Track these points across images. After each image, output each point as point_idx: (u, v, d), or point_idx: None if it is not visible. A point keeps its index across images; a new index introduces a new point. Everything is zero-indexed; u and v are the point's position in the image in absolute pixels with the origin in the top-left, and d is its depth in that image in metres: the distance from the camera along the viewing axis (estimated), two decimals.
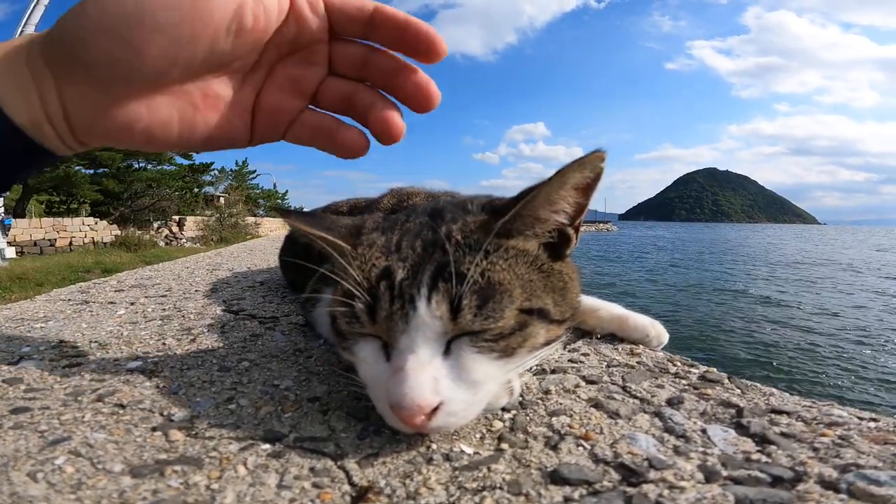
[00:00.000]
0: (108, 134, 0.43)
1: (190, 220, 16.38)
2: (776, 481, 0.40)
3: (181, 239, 15.29)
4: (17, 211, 13.82)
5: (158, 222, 16.43)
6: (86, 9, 0.39)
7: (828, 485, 0.39)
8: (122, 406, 0.55)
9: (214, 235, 15.31)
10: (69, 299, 1.28)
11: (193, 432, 0.48)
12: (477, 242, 0.50)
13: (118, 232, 13.66)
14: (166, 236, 15.27)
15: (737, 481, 0.40)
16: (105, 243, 12.86)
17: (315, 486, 0.39)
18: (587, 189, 0.52)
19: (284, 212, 0.61)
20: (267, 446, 0.46)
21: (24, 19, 11.82)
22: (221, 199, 20.65)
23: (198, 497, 0.37)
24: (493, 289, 0.47)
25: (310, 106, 0.51)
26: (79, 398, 0.57)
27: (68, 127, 0.42)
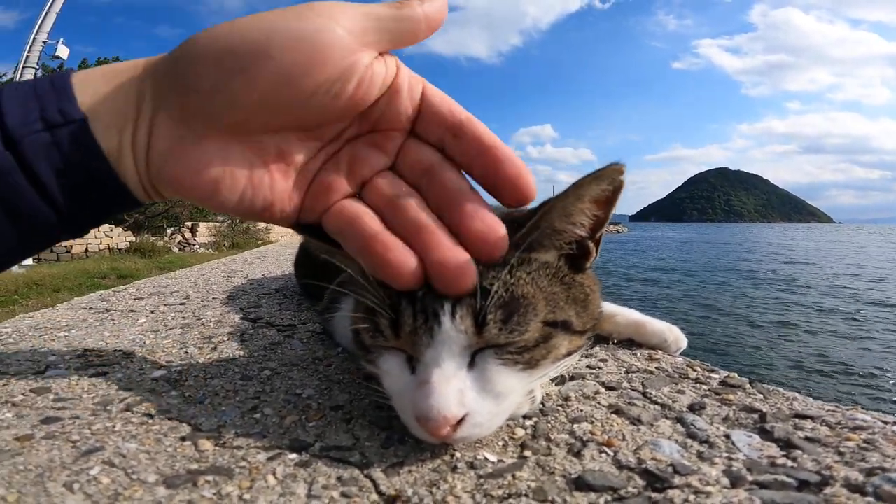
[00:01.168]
0: (175, 179, 0.42)
1: (202, 226, 16.51)
2: (802, 485, 0.40)
3: (194, 245, 15.43)
4: None
5: (172, 228, 16.60)
6: (213, 33, 0.40)
7: (854, 488, 0.39)
8: (151, 416, 0.56)
9: (226, 241, 15.45)
10: (90, 307, 1.30)
11: (221, 442, 0.49)
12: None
13: (133, 238, 13.81)
14: (179, 242, 15.41)
15: (763, 486, 0.40)
16: (120, 249, 13.01)
17: (344, 495, 0.40)
18: (606, 202, 0.52)
19: (301, 227, 0.62)
20: (294, 456, 0.46)
21: (37, 26, 12.02)
22: None
23: None
24: (517, 302, 0.48)
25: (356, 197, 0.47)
26: (108, 407, 0.58)
27: (146, 162, 0.42)
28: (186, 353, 0.83)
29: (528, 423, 0.53)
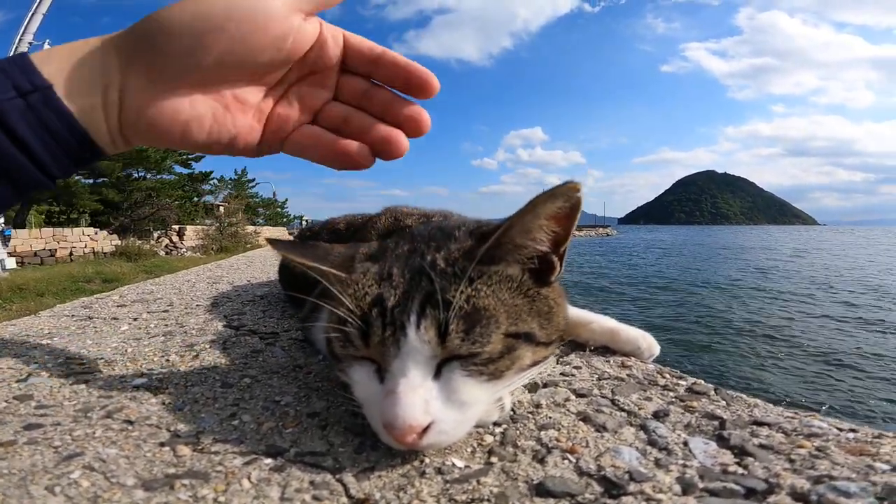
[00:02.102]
0: (152, 126, 0.50)
1: (190, 230, 16.40)
2: (749, 493, 0.42)
3: (181, 248, 15.31)
4: (17, 221, 13.84)
5: (158, 232, 16.46)
6: (180, 8, 0.48)
7: (799, 496, 0.41)
8: (131, 422, 0.57)
9: (214, 245, 15.34)
10: (73, 315, 1.30)
11: (199, 447, 0.51)
12: (462, 270, 0.53)
13: (118, 242, 13.67)
14: (166, 246, 15.28)
15: (712, 493, 0.42)
16: (105, 253, 12.88)
17: (315, 498, 0.42)
18: (564, 218, 0.54)
19: (275, 242, 0.63)
20: (269, 461, 0.48)
21: (23, 27, 11.91)
22: (221, 209, 20.69)
23: None
24: (478, 314, 0.50)
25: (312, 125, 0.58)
26: (88, 414, 0.60)
27: (118, 118, 0.49)
28: (168, 360, 0.85)
29: (497, 430, 0.56)
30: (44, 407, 0.62)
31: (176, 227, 16.48)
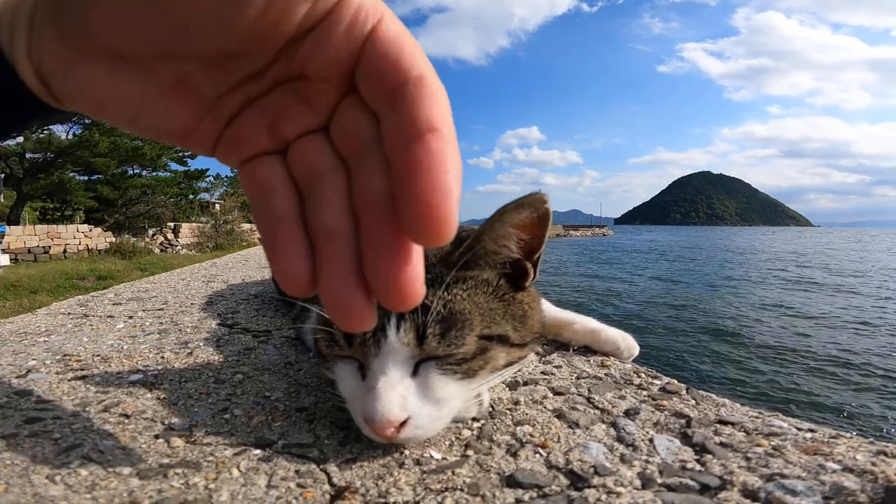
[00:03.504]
0: (62, 93, 0.37)
1: (185, 227, 16.37)
2: (704, 489, 0.44)
3: (176, 246, 15.28)
4: (11, 218, 13.80)
5: (153, 229, 16.43)
6: None
7: (748, 493, 0.43)
8: (127, 416, 0.60)
9: (210, 242, 15.33)
10: (69, 313, 1.33)
11: (192, 439, 0.54)
12: (439, 274, 0.56)
13: (113, 239, 13.65)
14: (161, 243, 15.26)
15: (669, 488, 0.44)
16: (100, 250, 12.85)
17: (299, 485, 0.45)
18: (533, 227, 0.56)
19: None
20: (258, 452, 0.51)
21: None
22: (217, 206, 20.66)
23: (197, 495, 0.43)
24: (454, 318, 0.53)
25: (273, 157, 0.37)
26: (86, 408, 0.62)
27: (40, 73, 0.37)
28: (163, 357, 0.87)
29: (475, 425, 0.59)
30: (43, 402, 0.65)
31: (171, 224, 16.45)
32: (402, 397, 0.50)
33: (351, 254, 0.32)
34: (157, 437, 0.54)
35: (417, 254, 0.31)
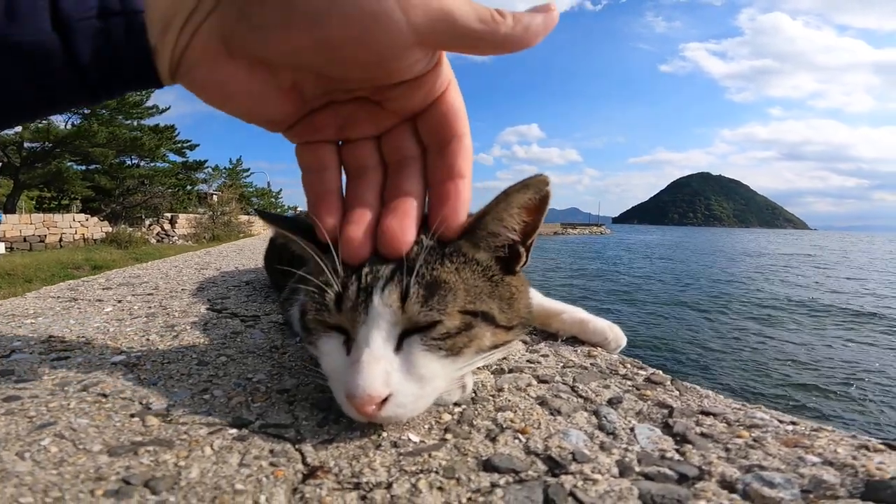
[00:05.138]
0: (198, 83, 0.45)
1: (182, 218, 16.34)
2: (682, 479, 0.43)
3: (173, 236, 15.26)
4: (8, 207, 13.75)
5: (150, 219, 16.40)
6: None
7: (726, 484, 0.42)
8: (105, 395, 0.60)
9: (207, 233, 15.30)
10: (58, 296, 1.32)
11: (168, 419, 0.53)
12: (434, 247, 0.55)
13: (109, 229, 13.63)
14: (158, 233, 15.23)
15: (647, 477, 0.44)
16: (96, 240, 12.83)
17: (272, 464, 0.44)
18: (534, 210, 0.57)
19: (264, 214, 0.66)
20: (234, 431, 0.51)
21: None
22: (215, 197, 20.61)
23: (165, 472, 0.42)
24: (437, 285, 0.53)
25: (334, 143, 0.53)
26: (65, 388, 0.62)
27: (179, 59, 0.44)
28: (148, 339, 0.87)
29: (457, 409, 0.58)
30: (23, 381, 0.64)
31: (168, 214, 16.41)
32: (385, 372, 0.49)
33: (372, 219, 0.51)
34: (132, 416, 0.54)
35: (411, 219, 0.51)
